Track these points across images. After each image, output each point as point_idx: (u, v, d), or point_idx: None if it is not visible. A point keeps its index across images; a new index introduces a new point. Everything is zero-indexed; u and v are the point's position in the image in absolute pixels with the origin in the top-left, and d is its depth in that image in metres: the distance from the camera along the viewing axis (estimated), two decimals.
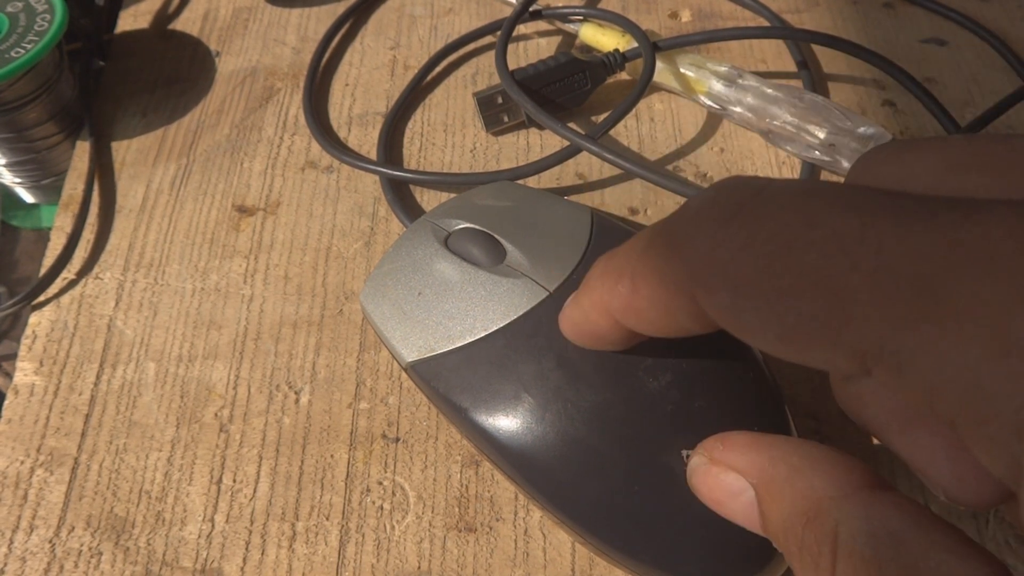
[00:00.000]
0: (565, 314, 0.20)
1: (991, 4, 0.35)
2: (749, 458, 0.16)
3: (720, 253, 0.14)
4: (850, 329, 0.12)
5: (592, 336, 0.19)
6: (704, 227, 0.14)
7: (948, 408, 0.11)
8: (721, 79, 0.31)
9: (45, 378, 0.27)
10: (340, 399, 0.26)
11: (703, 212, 0.14)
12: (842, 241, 0.12)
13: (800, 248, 0.13)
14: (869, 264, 0.12)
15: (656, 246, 0.16)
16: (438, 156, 0.32)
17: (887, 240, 0.12)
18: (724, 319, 0.14)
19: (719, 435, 0.17)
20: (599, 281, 0.17)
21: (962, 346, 0.11)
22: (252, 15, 0.37)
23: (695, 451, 0.17)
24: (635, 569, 0.20)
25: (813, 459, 0.15)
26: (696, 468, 0.17)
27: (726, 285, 0.14)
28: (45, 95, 0.31)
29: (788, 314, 0.13)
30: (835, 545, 0.13)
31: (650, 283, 0.16)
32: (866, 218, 0.12)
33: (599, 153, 0.28)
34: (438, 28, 0.36)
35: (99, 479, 0.25)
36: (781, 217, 0.13)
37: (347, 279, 0.28)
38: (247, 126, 0.33)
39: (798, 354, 0.13)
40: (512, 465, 0.21)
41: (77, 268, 0.29)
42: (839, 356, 0.12)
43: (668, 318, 0.16)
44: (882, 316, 0.12)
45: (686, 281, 0.15)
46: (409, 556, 0.23)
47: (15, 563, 0.23)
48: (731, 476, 0.16)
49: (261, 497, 0.24)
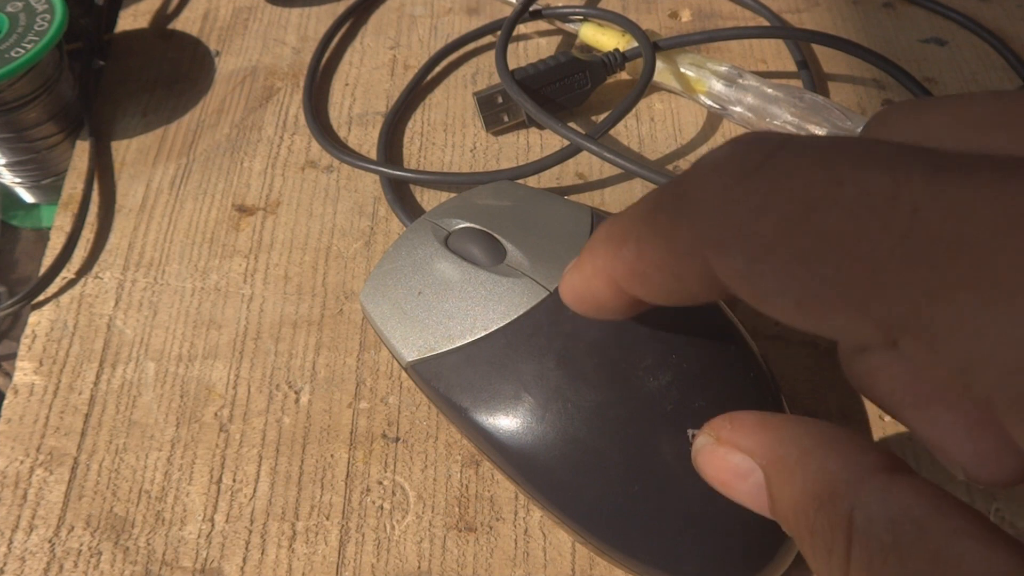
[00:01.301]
0: (566, 281, 0.18)
1: (991, 4, 0.35)
2: (758, 438, 0.15)
3: (736, 212, 0.13)
4: (879, 297, 0.11)
5: (594, 304, 0.17)
6: (719, 184, 0.13)
7: (986, 386, 0.10)
8: (721, 79, 0.31)
9: (45, 378, 0.27)
10: (340, 399, 0.26)
11: (719, 168, 0.13)
12: (872, 200, 0.11)
13: (826, 207, 0.11)
14: (903, 225, 0.11)
15: (665, 206, 0.14)
16: (438, 156, 0.32)
17: (922, 199, 0.11)
18: (738, 284, 0.13)
19: (727, 414, 0.16)
20: (602, 245, 0.16)
21: (1007, 319, 0.10)
22: (252, 15, 0.37)
23: (701, 430, 0.16)
24: (635, 569, 0.20)
25: (827, 440, 0.14)
26: (702, 448, 0.16)
27: (742, 247, 0.13)
28: (45, 95, 0.31)
29: (810, 279, 0.12)
30: (850, 530, 0.12)
31: (657, 246, 0.14)
32: (899, 174, 0.11)
33: (599, 153, 0.28)
34: (438, 27, 0.36)
35: (99, 479, 0.25)
36: (805, 174, 0.12)
37: (347, 279, 0.28)
38: (247, 126, 0.33)
39: (817, 322, 0.12)
40: (512, 465, 0.21)
41: (77, 268, 0.29)
42: (864, 326, 0.12)
43: (676, 284, 0.15)
44: (917, 283, 0.11)
45: (697, 243, 0.13)
46: (409, 556, 0.23)
47: (15, 563, 0.23)
48: (738, 456, 0.15)
49: (261, 497, 0.24)
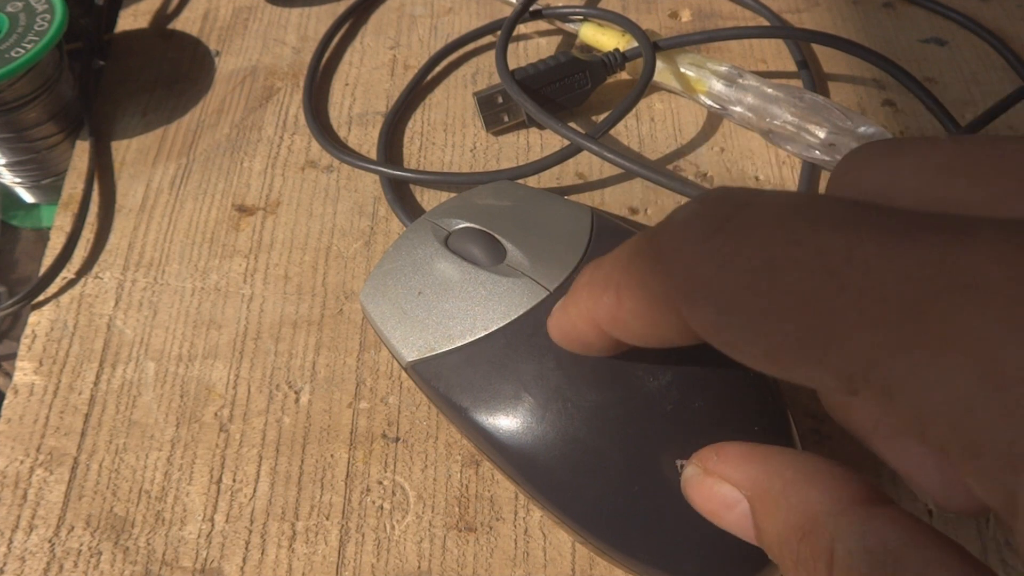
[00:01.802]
0: (553, 320, 0.19)
1: (991, 4, 0.35)
2: (744, 470, 0.16)
3: (704, 268, 0.13)
4: (837, 351, 0.12)
5: (579, 343, 0.19)
6: (688, 240, 0.14)
7: (939, 436, 0.11)
8: (721, 79, 0.31)
9: (45, 378, 0.27)
10: (340, 399, 0.26)
11: (688, 224, 0.14)
12: (827, 260, 0.12)
13: (783, 266, 0.12)
14: (856, 285, 0.11)
15: (641, 257, 0.15)
16: (438, 156, 0.32)
17: (874, 261, 0.11)
18: (709, 335, 0.14)
19: (714, 445, 0.17)
20: (585, 291, 0.17)
21: (954, 376, 0.10)
22: (252, 15, 0.37)
23: (689, 461, 0.17)
24: (635, 569, 0.20)
25: (809, 472, 0.15)
26: (690, 478, 0.17)
27: (710, 301, 0.13)
28: (45, 95, 0.31)
29: (773, 334, 0.12)
30: (831, 561, 0.13)
31: (635, 296, 0.15)
32: (852, 237, 0.12)
33: (599, 153, 0.28)
34: (438, 27, 0.36)
35: (99, 479, 0.25)
36: (764, 233, 0.13)
37: (347, 279, 0.28)
38: (247, 126, 0.33)
39: (785, 372, 0.13)
40: (512, 465, 0.21)
41: (77, 268, 0.29)
42: (826, 377, 0.12)
43: (653, 330, 0.16)
44: (871, 340, 0.11)
45: (670, 295, 0.14)
46: (409, 556, 0.23)
47: (14, 563, 0.23)
48: (725, 487, 0.16)
49: (261, 497, 0.24)
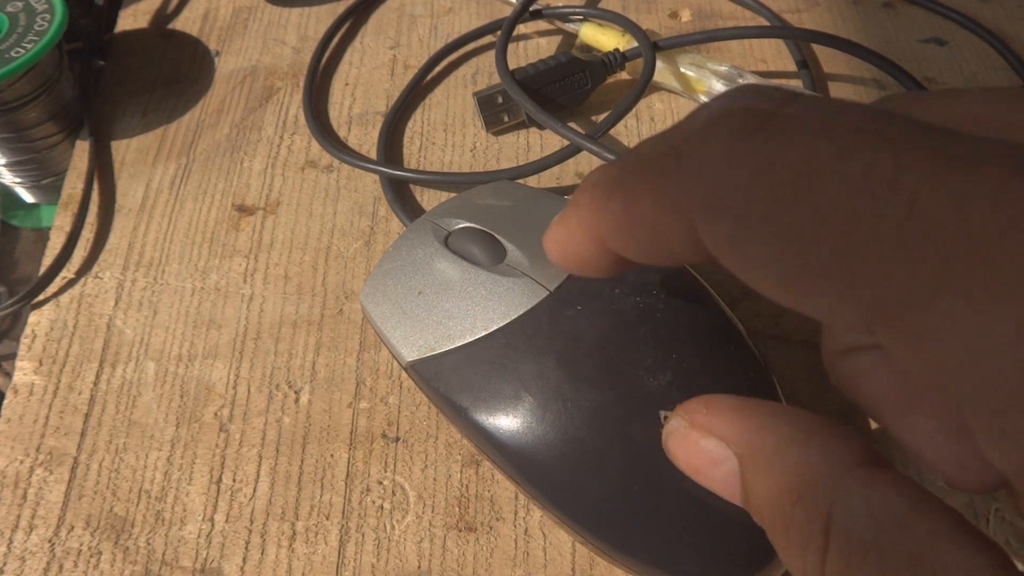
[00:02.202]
0: (550, 233, 0.17)
1: (991, 4, 0.35)
2: (734, 424, 0.14)
3: (731, 176, 0.12)
4: (867, 283, 0.11)
5: (577, 259, 0.16)
6: (716, 141, 0.12)
7: (961, 389, 0.10)
8: (721, 79, 0.31)
9: (45, 377, 0.27)
10: (340, 399, 0.26)
11: (716, 125, 0.12)
12: (873, 181, 0.10)
13: (825, 181, 0.11)
14: (900, 213, 0.10)
15: (656, 158, 0.13)
16: (438, 156, 0.32)
17: (923, 188, 0.10)
18: (722, 251, 0.12)
19: (702, 397, 0.15)
20: (588, 197, 0.15)
21: (992, 325, 0.09)
22: (252, 15, 0.37)
23: (674, 412, 0.15)
24: (635, 569, 0.20)
25: (807, 430, 0.13)
26: (673, 431, 0.15)
27: (732, 212, 0.12)
28: (45, 95, 0.31)
29: (799, 254, 0.11)
30: (828, 526, 0.12)
31: (643, 201, 0.14)
32: (903, 157, 0.11)
33: (599, 153, 0.28)
34: (438, 28, 0.36)
35: (99, 479, 0.25)
36: (809, 141, 0.11)
37: (347, 279, 0.28)
38: (247, 126, 0.33)
39: (799, 300, 0.12)
40: (512, 465, 0.21)
41: (77, 267, 0.29)
42: (846, 312, 0.11)
43: (659, 243, 0.14)
44: (906, 276, 0.10)
45: (685, 202, 0.13)
46: (409, 556, 0.23)
47: (14, 562, 0.23)
48: (712, 443, 0.14)
49: (261, 497, 0.24)
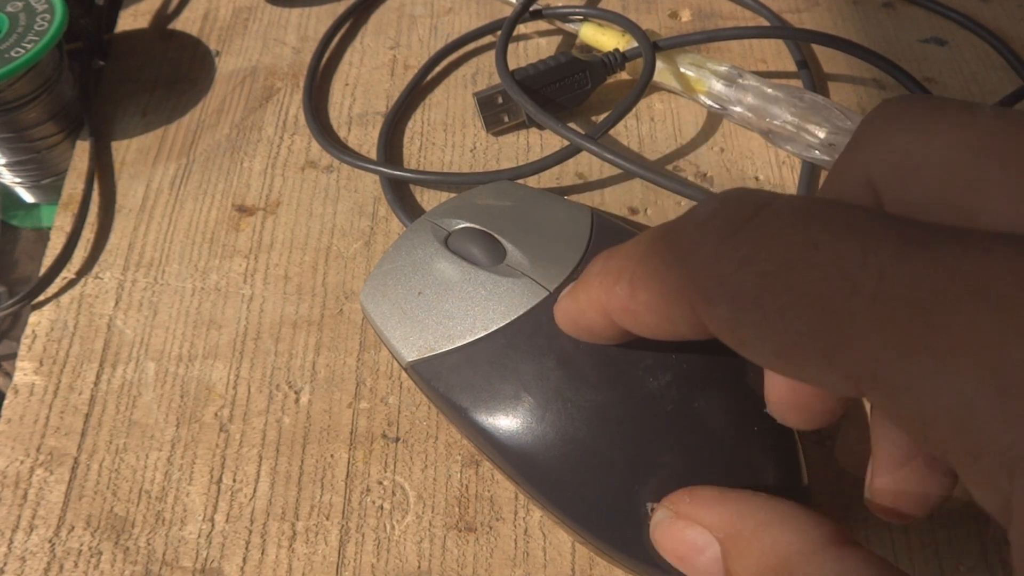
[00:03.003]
0: (560, 306, 0.19)
1: (991, 4, 0.35)
2: (716, 512, 0.16)
3: (722, 266, 0.14)
4: (847, 352, 0.12)
5: (587, 331, 0.19)
6: (708, 238, 0.14)
7: (941, 439, 0.11)
8: (721, 79, 0.31)
9: (45, 378, 0.27)
10: (340, 399, 0.26)
11: (708, 222, 0.14)
12: (843, 264, 0.12)
13: (802, 267, 0.12)
14: (869, 289, 0.12)
15: (658, 251, 0.15)
16: (438, 156, 0.32)
17: (888, 266, 0.12)
18: (722, 331, 0.14)
19: (686, 489, 0.17)
20: (597, 279, 0.17)
21: (958, 379, 0.11)
22: (252, 15, 0.37)
23: (660, 504, 0.17)
24: (635, 569, 0.20)
25: (781, 514, 0.15)
26: (660, 522, 0.17)
27: (726, 298, 0.14)
28: (45, 95, 0.31)
29: (786, 331, 0.13)
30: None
31: (649, 288, 0.16)
32: (869, 243, 0.12)
33: (599, 153, 0.28)
34: (438, 28, 0.36)
35: (99, 479, 0.25)
36: (785, 235, 0.13)
37: (347, 279, 0.28)
38: (247, 126, 0.33)
39: (793, 371, 0.13)
40: (512, 465, 0.21)
41: (77, 268, 0.29)
42: (834, 377, 0.12)
43: (665, 323, 0.16)
44: (880, 341, 0.11)
45: (686, 290, 0.15)
46: (409, 556, 0.23)
47: (15, 563, 0.23)
48: (696, 531, 0.16)
49: (261, 497, 0.24)
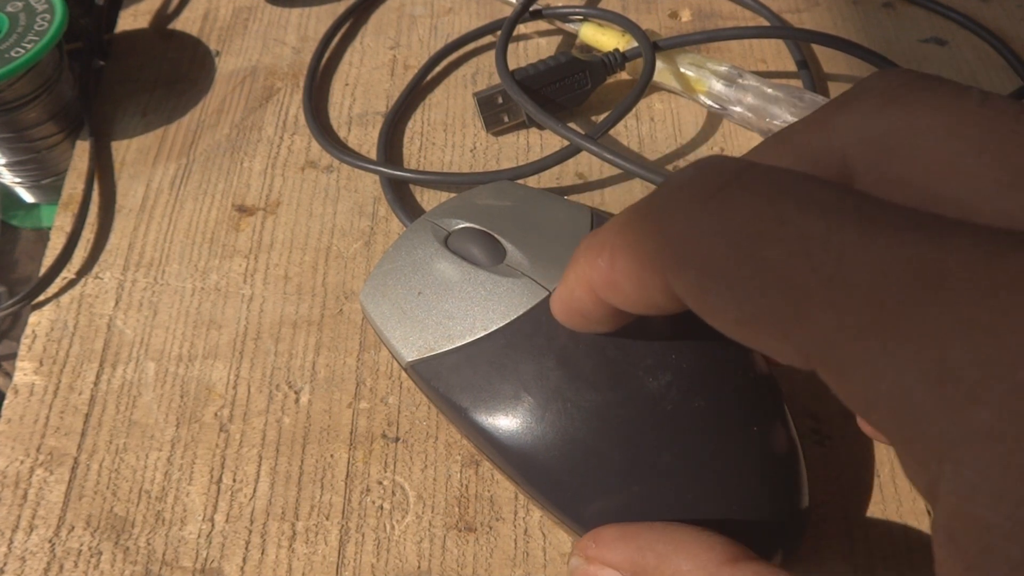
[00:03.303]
0: (555, 294, 0.20)
1: (991, 4, 0.35)
2: (620, 551, 0.17)
3: (691, 233, 0.14)
4: (800, 329, 0.12)
5: (579, 314, 0.19)
6: (681, 206, 0.14)
7: (881, 420, 0.12)
8: (721, 79, 0.31)
9: (45, 378, 0.27)
10: (340, 399, 0.26)
11: (682, 190, 0.15)
12: (807, 243, 0.12)
13: (766, 242, 0.13)
14: (828, 270, 0.12)
15: (635, 221, 0.16)
16: (438, 156, 0.32)
17: (848, 249, 0.12)
18: (689, 298, 0.15)
19: (591, 533, 0.18)
20: (583, 256, 0.18)
21: (901, 367, 0.11)
22: (252, 15, 0.37)
23: (572, 552, 0.18)
24: None
25: (677, 542, 0.16)
26: (575, 570, 0.18)
27: (694, 265, 0.14)
28: (45, 95, 0.31)
29: (746, 303, 0.13)
30: None
31: (626, 257, 0.16)
32: (833, 222, 0.12)
33: (599, 153, 0.28)
34: (438, 28, 0.36)
35: (99, 479, 0.25)
36: (754, 207, 0.13)
37: (347, 279, 0.28)
38: (247, 126, 0.33)
39: (751, 340, 0.14)
40: (512, 465, 0.21)
41: (77, 268, 0.29)
42: (787, 350, 0.13)
43: (643, 293, 0.16)
44: (831, 323, 0.12)
45: (658, 257, 0.15)
46: (409, 556, 0.23)
47: (15, 563, 0.23)
48: (606, 572, 0.17)
49: (261, 497, 0.24)
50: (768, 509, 0.20)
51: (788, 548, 0.20)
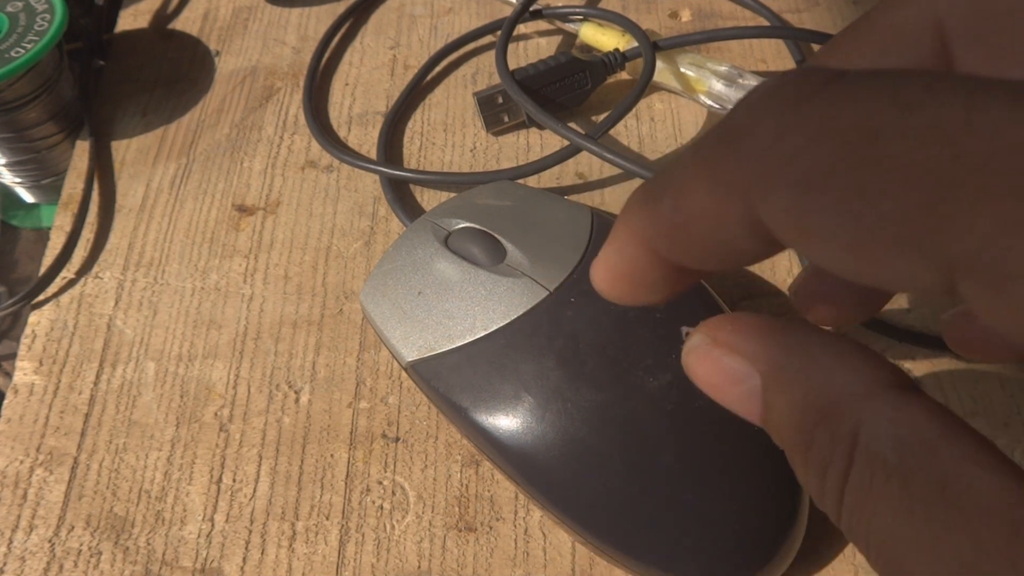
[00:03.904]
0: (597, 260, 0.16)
1: None
2: (759, 343, 0.14)
3: (788, 141, 0.11)
4: (946, 233, 0.10)
5: (629, 280, 0.15)
6: (769, 113, 0.12)
7: None
8: (721, 79, 0.31)
9: (45, 377, 0.27)
10: (340, 399, 0.26)
11: (769, 99, 0.12)
12: (946, 127, 0.10)
13: (892, 135, 0.10)
14: (977, 154, 0.10)
15: (706, 147, 0.13)
16: (438, 156, 0.32)
17: (1002, 125, 0.10)
18: (783, 225, 0.12)
19: (727, 315, 0.15)
20: (637, 204, 0.14)
21: None
22: (252, 15, 0.37)
23: (696, 328, 0.15)
24: (635, 569, 0.20)
25: (835, 351, 0.13)
26: (695, 347, 0.15)
27: (791, 181, 0.11)
28: (45, 95, 0.31)
29: (866, 216, 0.10)
30: (853, 447, 0.12)
31: (697, 191, 0.13)
32: (972, 101, 0.10)
33: (599, 153, 0.28)
34: (438, 28, 0.36)
35: (99, 479, 0.25)
36: (869, 100, 0.11)
37: (347, 279, 0.28)
38: (247, 126, 0.33)
39: (870, 268, 0.11)
40: (512, 465, 0.21)
41: (77, 267, 0.29)
42: (923, 268, 0.10)
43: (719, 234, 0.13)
44: (990, 217, 0.09)
45: (740, 180, 0.12)
46: (409, 556, 0.23)
47: (15, 563, 0.23)
48: (736, 360, 0.14)
49: (261, 497, 0.24)
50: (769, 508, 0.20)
51: (789, 547, 0.20)
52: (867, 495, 0.11)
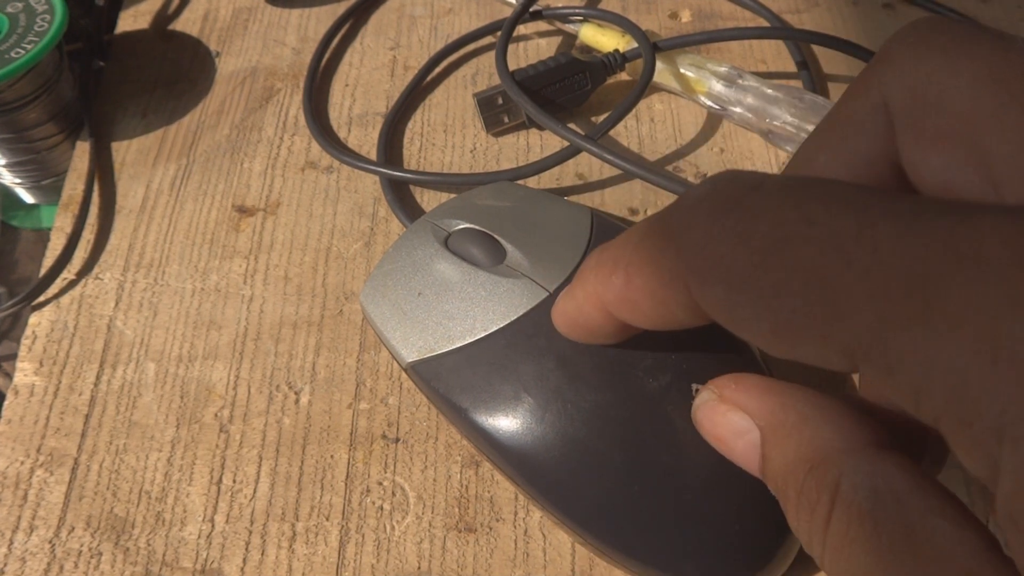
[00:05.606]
0: (558, 307, 0.19)
1: (991, 4, 0.35)
2: (760, 400, 0.16)
3: (716, 246, 0.14)
4: (841, 326, 0.12)
5: (585, 329, 0.19)
6: (701, 219, 0.14)
7: (933, 408, 0.11)
8: (721, 79, 0.31)
9: (45, 378, 0.27)
10: (340, 399, 0.26)
11: (701, 204, 0.14)
12: (838, 239, 0.12)
13: (796, 244, 0.12)
14: (864, 262, 0.12)
15: (651, 237, 0.15)
16: (438, 156, 0.32)
17: (883, 240, 0.12)
18: (717, 312, 0.14)
19: (732, 375, 0.17)
20: (593, 273, 0.17)
21: (951, 349, 0.11)
22: (252, 15, 0.37)
23: (705, 386, 0.17)
24: (635, 569, 0.20)
25: (824, 410, 0.15)
26: (704, 403, 0.17)
27: (721, 278, 0.14)
28: (45, 95, 0.31)
29: (781, 309, 0.13)
30: (835, 495, 0.13)
31: (644, 274, 0.16)
32: (863, 218, 0.12)
33: (599, 153, 0.28)
34: (438, 28, 0.36)
35: (99, 479, 0.25)
36: (779, 213, 0.13)
37: (347, 279, 0.28)
38: (247, 126, 0.33)
39: (789, 349, 0.13)
40: (512, 465, 0.21)
41: (77, 268, 0.29)
42: (829, 353, 0.12)
43: (662, 310, 0.16)
44: (874, 315, 0.11)
45: (681, 272, 0.14)
46: (409, 556, 0.23)
47: (15, 563, 0.23)
48: (738, 416, 0.16)
49: (261, 497, 0.24)
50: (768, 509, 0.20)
51: (788, 548, 0.20)
52: (844, 537, 0.13)
